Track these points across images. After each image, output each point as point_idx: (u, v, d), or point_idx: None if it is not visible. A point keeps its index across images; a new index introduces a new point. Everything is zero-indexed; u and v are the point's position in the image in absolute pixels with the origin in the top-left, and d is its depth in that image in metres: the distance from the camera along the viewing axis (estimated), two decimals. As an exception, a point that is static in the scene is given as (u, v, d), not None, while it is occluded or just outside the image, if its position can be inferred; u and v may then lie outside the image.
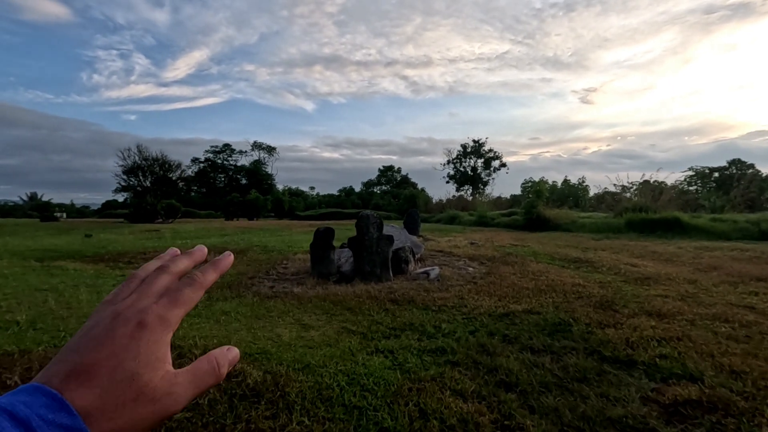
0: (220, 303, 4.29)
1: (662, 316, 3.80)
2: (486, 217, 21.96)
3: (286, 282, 5.61)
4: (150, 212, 23.22)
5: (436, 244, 10.08)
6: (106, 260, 7.99)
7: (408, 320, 3.74)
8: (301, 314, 3.89)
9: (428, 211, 30.97)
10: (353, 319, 3.76)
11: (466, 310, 4.12)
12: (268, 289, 5.00)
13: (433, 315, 3.96)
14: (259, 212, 31.31)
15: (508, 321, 3.77)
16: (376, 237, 5.70)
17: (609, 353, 2.93)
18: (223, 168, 56.83)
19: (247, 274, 5.97)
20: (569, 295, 4.67)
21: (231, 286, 5.16)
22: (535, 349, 3.08)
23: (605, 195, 36.39)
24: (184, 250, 0.43)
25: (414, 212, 13.64)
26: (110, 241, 11.30)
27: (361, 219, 5.77)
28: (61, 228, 17.55)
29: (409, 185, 53.27)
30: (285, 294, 4.75)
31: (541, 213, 18.62)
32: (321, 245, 5.86)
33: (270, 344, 3.00)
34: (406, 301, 4.45)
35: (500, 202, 34.01)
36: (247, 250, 8.89)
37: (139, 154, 27.21)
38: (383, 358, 2.88)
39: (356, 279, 5.61)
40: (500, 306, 4.22)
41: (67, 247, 9.72)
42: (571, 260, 7.65)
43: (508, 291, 4.87)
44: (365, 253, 5.67)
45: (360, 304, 4.29)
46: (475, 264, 6.94)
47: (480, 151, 44.75)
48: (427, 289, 4.99)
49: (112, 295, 0.36)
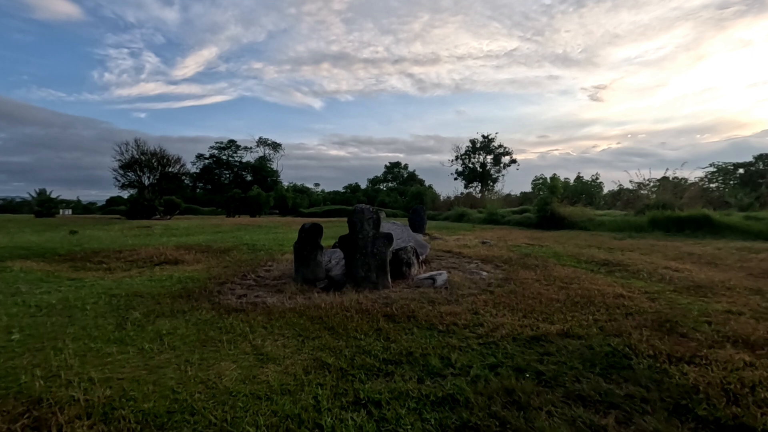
0: (160, 321, 3.34)
1: (753, 345, 2.80)
2: (496, 215, 20.87)
3: (262, 289, 4.69)
4: (148, 208, 22.53)
5: (444, 244, 9.10)
6: (74, 260, 7.17)
7: (406, 347, 2.79)
8: (264, 338, 2.95)
9: (436, 209, 29.93)
10: (333, 345, 2.83)
11: (483, 330, 3.16)
12: (236, 300, 4.07)
13: (439, 338, 3.01)
14: (261, 209, 30.45)
15: (540, 349, 2.80)
16: (371, 235, 4.76)
17: (704, 412, 1.95)
18: (228, 164, 56.17)
19: (218, 279, 5.06)
20: (613, 311, 3.69)
21: (191, 294, 4.23)
22: (588, 399, 2.12)
23: (621, 192, 35.12)
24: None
25: (420, 209, 12.66)
26: (92, 239, 10.51)
27: (354, 214, 4.84)
28: (51, 224, 16.88)
29: (416, 182, 52.12)
30: (254, 306, 3.81)
31: (555, 210, 17.50)
32: (306, 245, 4.93)
33: (199, 395, 2.06)
34: (405, 317, 3.50)
35: (510, 199, 32.89)
36: (231, 249, 8.00)
37: (137, 148, 26.52)
38: (365, 416, 1.93)
39: (347, 286, 4.68)
40: (527, 326, 3.25)
41: (42, 245, 8.93)
42: (598, 263, 6.63)
43: (533, 304, 3.89)
44: (358, 255, 4.73)
45: (346, 322, 3.36)
46: (489, 267, 5.96)
47: (489, 146, 43.43)
48: (433, 300, 4.04)
49: None
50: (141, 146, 26.64)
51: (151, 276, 5.42)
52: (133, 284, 4.88)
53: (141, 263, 6.78)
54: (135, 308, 3.76)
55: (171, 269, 6.03)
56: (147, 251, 7.59)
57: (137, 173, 26.78)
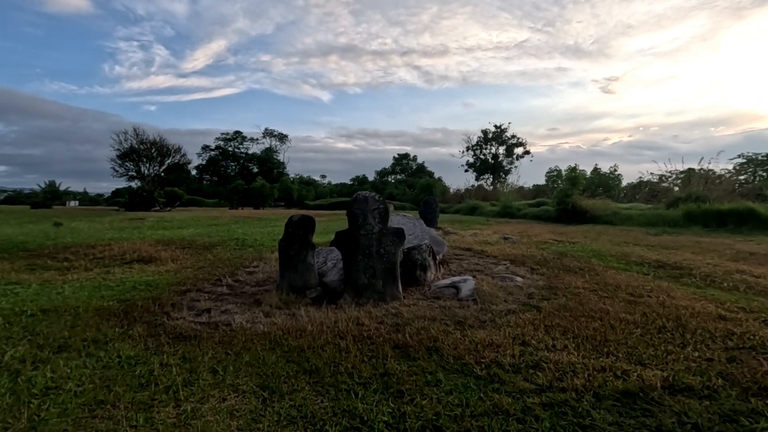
0: (53, 361, 2.21)
1: None
2: (511, 208, 19.62)
3: (235, 300, 3.64)
4: (147, 200, 21.65)
5: (461, 240, 7.99)
6: (39, 256, 6.22)
7: (428, 413, 1.73)
8: (204, 396, 1.88)
9: (446, 201, 28.70)
10: (311, 410, 1.77)
11: (544, 378, 2.07)
12: (190, 319, 3.00)
13: (480, 393, 1.93)
14: (265, 201, 29.41)
15: (649, 420, 1.71)
16: (377, 231, 3.68)
17: None
18: (234, 156, 55.26)
19: (183, 285, 4.02)
20: (723, 342, 2.57)
21: (130, 310, 3.17)
22: None
23: (641, 184, 33.52)
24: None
25: (431, 200, 11.53)
26: (73, 232, 9.59)
27: (355, 204, 3.75)
28: (42, 216, 16.06)
29: (425, 174, 50.64)
30: (212, 330, 2.75)
31: (576, 203, 16.23)
32: (294, 242, 3.86)
33: None
34: (424, 350, 2.43)
35: (523, 192, 31.49)
36: (217, 245, 6.98)
37: (136, 137, 25.53)
38: None
39: (345, 296, 3.62)
40: (608, 369, 2.16)
41: (13, 239, 8.02)
42: (652, 264, 5.48)
43: (602, 329, 2.79)
44: (360, 256, 3.66)
45: (338, 358, 2.29)
46: (522, 270, 4.84)
47: (502, 137, 41.76)
48: (460, 321, 2.96)
49: None
50: (140, 135, 25.70)
51: (104, 280, 4.40)
52: (65, 293, 3.82)
53: (108, 261, 5.79)
54: (33, 334, 2.69)
55: (136, 270, 5.03)
56: (121, 247, 6.61)
57: (136, 163, 25.87)
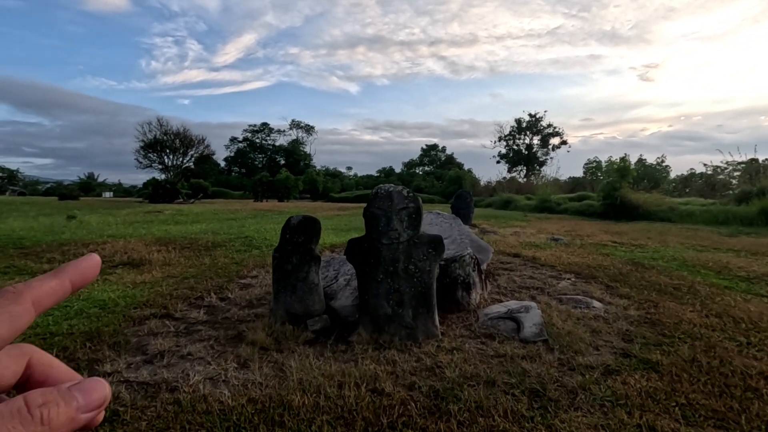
0: None
1: None
2: (550, 202, 18.01)
3: (209, 332, 2.68)
4: (170, 192, 21.43)
5: (502, 241, 6.80)
6: (26, 255, 5.56)
7: None
8: None
9: (476, 194, 27.19)
10: None
11: None
12: (131, 371, 2.03)
13: None
14: (289, 193, 28.81)
15: None
16: (406, 239, 2.61)
17: None
18: (261, 148, 55.37)
19: (150, 305, 3.09)
20: None
21: (52, 349, 2.27)
22: None
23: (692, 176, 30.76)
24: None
25: (465, 194, 10.31)
26: (81, 226, 9.06)
27: (375, 201, 2.70)
28: (62, 208, 15.91)
29: (455, 165, 48.81)
30: (149, 399, 1.77)
31: (626, 197, 14.53)
32: (292, 253, 2.85)
33: None
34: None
35: (559, 184, 29.55)
36: (221, 244, 6.12)
37: (160, 128, 25.41)
38: None
39: (361, 330, 2.59)
40: None
41: (12, 234, 7.50)
42: (765, 280, 4.16)
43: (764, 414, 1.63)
44: (382, 275, 2.61)
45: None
46: (596, 289, 3.64)
47: (537, 126, 39.43)
48: (536, 389, 1.86)
49: None
50: (164, 126, 25.59)
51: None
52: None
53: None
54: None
55: (114, 279, 4.19)
56: (114, 247, 5.86)
57: (159, 154, 25.81)
